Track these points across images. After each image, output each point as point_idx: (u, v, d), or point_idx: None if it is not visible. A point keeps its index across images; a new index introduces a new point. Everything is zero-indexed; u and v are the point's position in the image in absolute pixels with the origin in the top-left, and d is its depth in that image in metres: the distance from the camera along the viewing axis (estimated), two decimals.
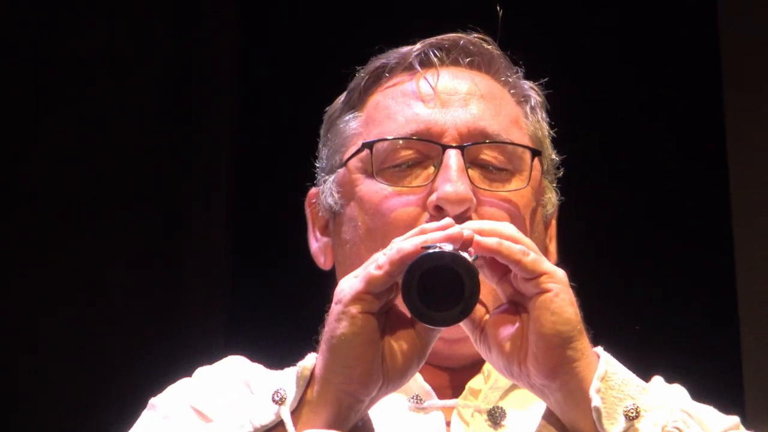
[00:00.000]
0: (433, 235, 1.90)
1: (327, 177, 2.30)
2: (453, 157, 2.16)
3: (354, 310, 1.87)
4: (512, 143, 2.21)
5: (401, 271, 1.87)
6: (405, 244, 1.88)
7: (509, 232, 1.92)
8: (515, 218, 2.18)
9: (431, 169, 2.18)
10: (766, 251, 4.09)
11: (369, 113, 2.27)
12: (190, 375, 2.26)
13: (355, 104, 2.30)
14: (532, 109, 2.31)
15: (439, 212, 2.14)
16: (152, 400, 2.20)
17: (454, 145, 2.17)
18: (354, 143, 2.26)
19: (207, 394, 2.17)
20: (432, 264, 1.85)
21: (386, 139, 2.20)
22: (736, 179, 4.08)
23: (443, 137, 2.19)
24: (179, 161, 4.33)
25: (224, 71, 4.37)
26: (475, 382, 2.22)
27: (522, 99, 2.31)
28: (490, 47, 2.30)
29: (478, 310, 1.94)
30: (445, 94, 2.22)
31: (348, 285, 1.90)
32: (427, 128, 2.20)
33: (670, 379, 2.28)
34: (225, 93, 4.32)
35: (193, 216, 4.30)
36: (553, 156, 2.34)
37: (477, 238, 1.90)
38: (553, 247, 2.33)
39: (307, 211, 2.35)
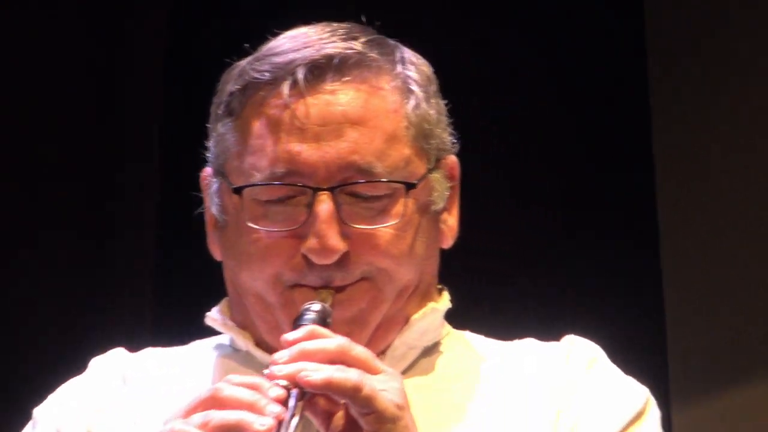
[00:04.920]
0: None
1: (212, 179, 2.27)
2: (322, 204, 2.14)
3: None
4: (381, 181, 2.16)
5: None
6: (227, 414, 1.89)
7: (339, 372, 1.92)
8: (399, 242, 2.17)
9: (303, 208, 2.16)
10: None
11: (244, 136, 2.22)
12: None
13: (232, 111, 2.24)
14: (417, 99, 2.23)
15: (308, 261, 2.14)
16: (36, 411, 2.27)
17: (324, 187, 2.14)
18: (230, 163, 2.23)
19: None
20: None
21: (256, 185, 2.17)
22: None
23: (313, 177, 2.15)
24: (109, 148, 4.37)
25: (154, 76, 4.47)
26: None
27: (406, 94, 2.23)
28: (367, 52, 2.20)
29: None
30: (317, 125, 2.16)
31: None
32: (297, 169, 2.15)
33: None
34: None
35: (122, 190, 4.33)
36: (447, 133, 2.27)
37: (305, 375, 1.90)
38: (453, 221, 2.29)
39: (204, 193, 2.30)
